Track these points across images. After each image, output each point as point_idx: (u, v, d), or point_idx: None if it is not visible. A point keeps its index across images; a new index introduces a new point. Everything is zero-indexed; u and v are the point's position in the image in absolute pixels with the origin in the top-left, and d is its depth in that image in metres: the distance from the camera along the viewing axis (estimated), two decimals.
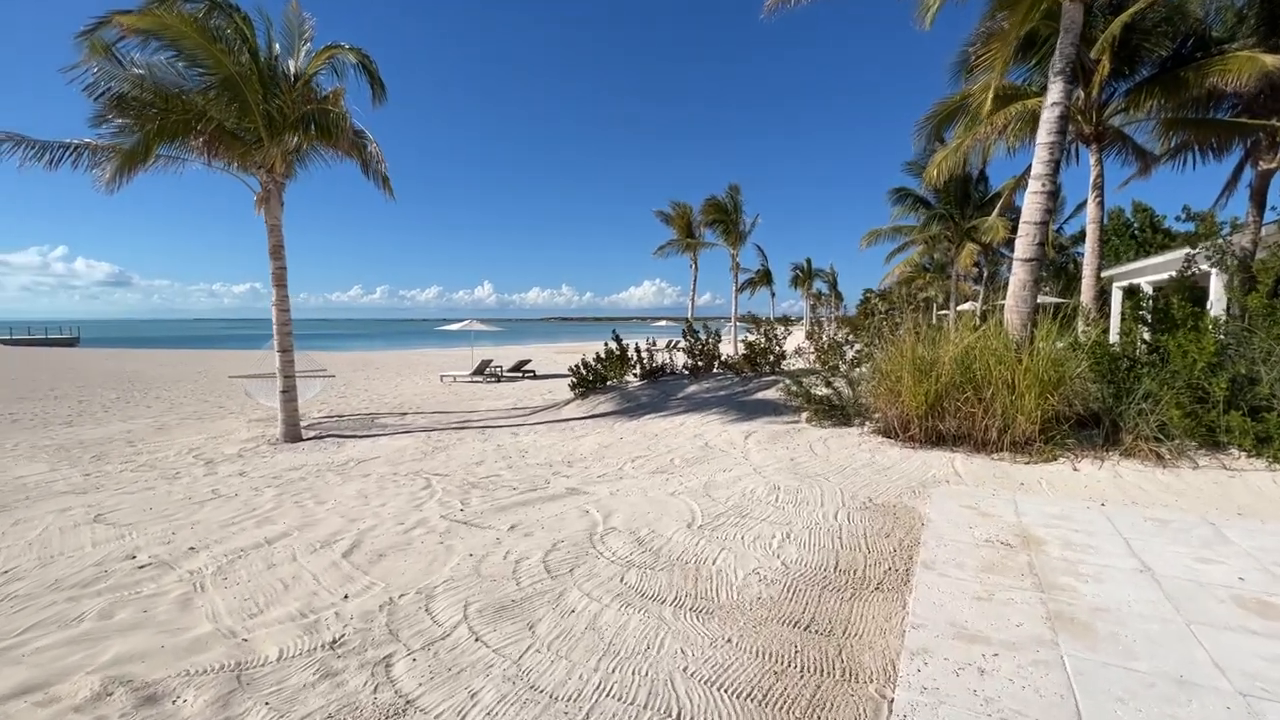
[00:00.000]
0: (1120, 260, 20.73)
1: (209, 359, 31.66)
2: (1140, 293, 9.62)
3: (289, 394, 9.51)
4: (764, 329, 12.15)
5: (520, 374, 21.12)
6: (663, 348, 13.83)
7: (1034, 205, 7.68)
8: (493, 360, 21.37)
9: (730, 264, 31.70)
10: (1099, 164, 11.71)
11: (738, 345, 12.43)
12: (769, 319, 12.49)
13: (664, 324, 44.15)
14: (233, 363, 26.42)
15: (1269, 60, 9.20)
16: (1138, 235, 27.13)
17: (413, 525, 4.82)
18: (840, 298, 60.78)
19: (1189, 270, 9.99)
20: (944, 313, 26.65)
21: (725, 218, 30.72)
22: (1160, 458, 5.96)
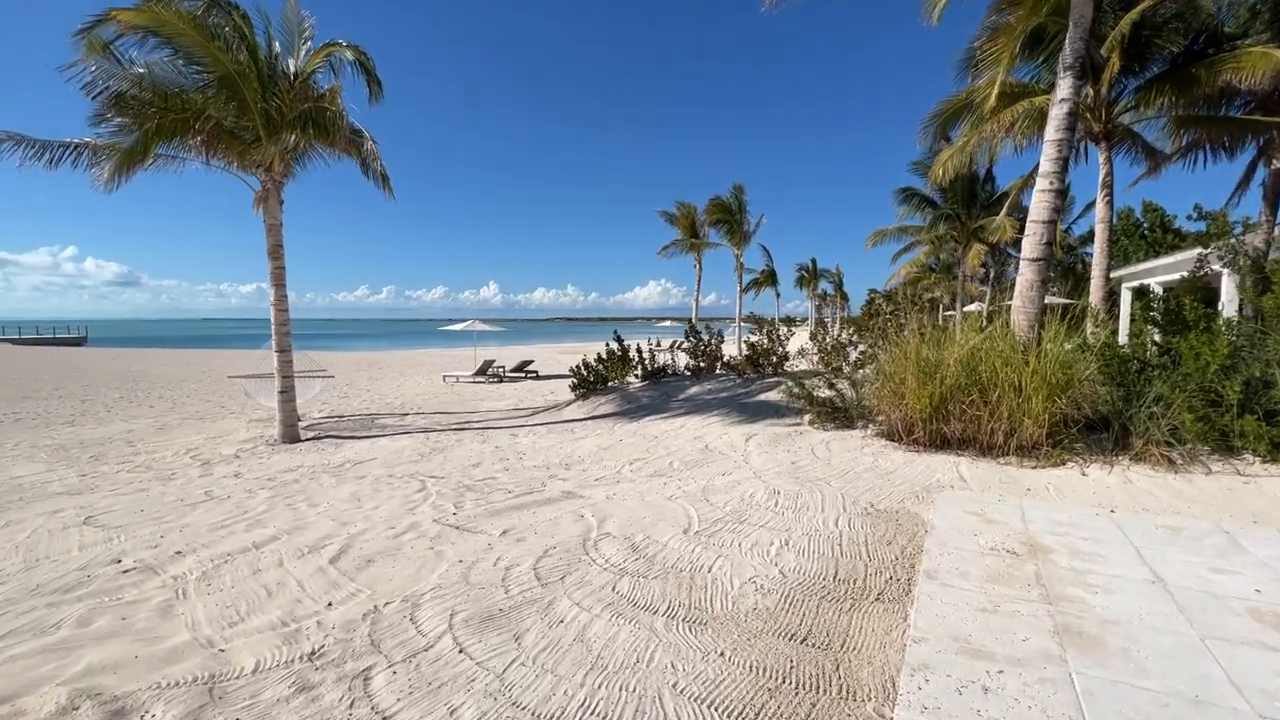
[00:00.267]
0: (1130, 261, 20.48)
1: (214, 359, 31.74)
2: (1150, 294, 9.44)
3: (287, 394, 9.45)
4: (766, 329, 12.01)
5: (523, 374, 21.04)
6: (665, 348, 13.72)
7: (1042, 204, 7.52)
8: (495, 360, 21.30)
9: (735, 264, 31.55)
10: (1108, 163, 11.53)
11: (741, 346, 12.29)
12: (772, 319, 12.34)
13: (668, 324, 44.05)
14: (237, 363, 26.48)
15: None
16: (1147, 235, 26.83)
17: (404, 530, 4.73)
18: (845, 298, 60.56)
19: (1201, 271, 9.81)
20: (950, 313, 26.43)
21: (729, 218, 30.55)
22: (1172, 463, 5.80)
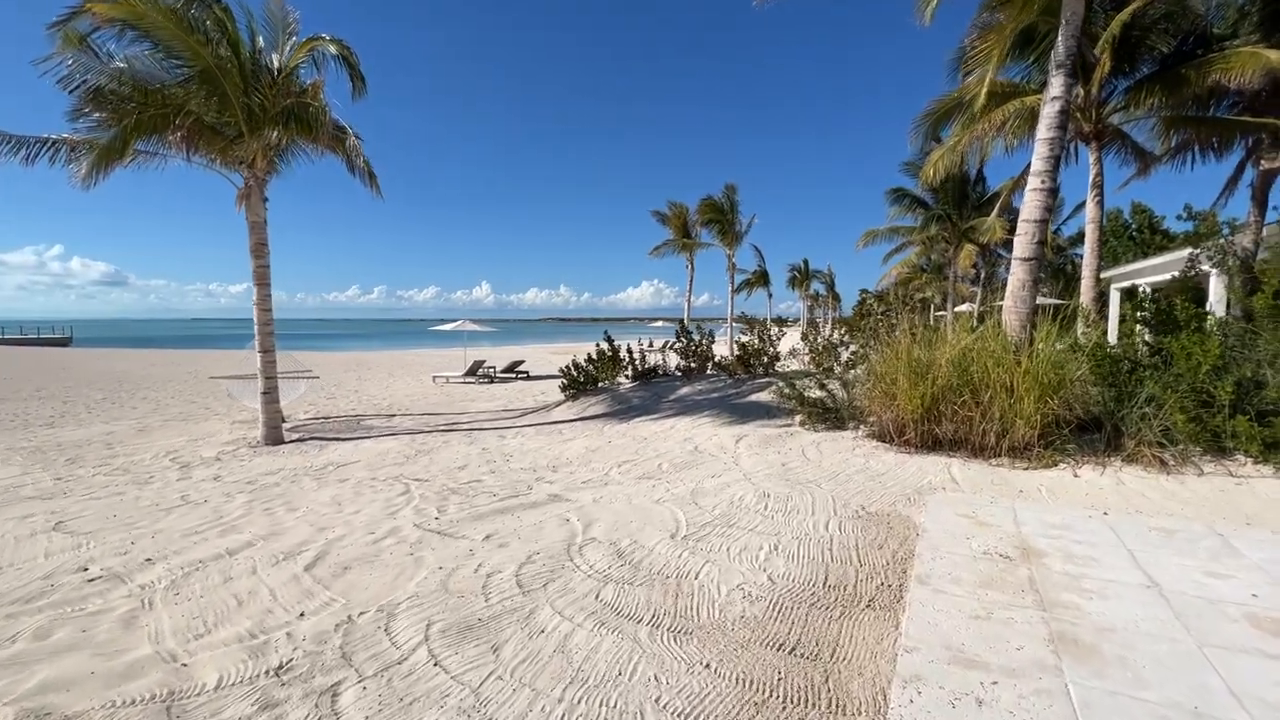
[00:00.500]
0: (1119, 262, 20.57)
1: (201, 359, 31.35)
2: (1141, 294, 9.44)
3: (270, 395, 9.28)
4: (757, 330, 11.93)
5: (514, 375, 20.89)
6: (655, 348, 13.62)
7: (1033, 203, 7.48)
8: (485, 361, 21.14)
9: (727, 264, 31.50)
10: (1098, 163, 11.53)
11: (733, 346, 12.21)
12: (763, 320, 12.26)
13: (660, 324, 44.01)
14: (223, 363, 26.15)
15: (1273, 56, 9.02)
16: (1136, 236, 27.00)
17: (384, 535, 4.59)
18: (837, 299, 60.73)
19: (1192, 271, 9.82)
20: (941, 314, 26.49)
21: (721, 218, 30.51)
22: (1164, 464, 5.76)
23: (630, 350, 12.51)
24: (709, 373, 12.38)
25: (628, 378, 12.48)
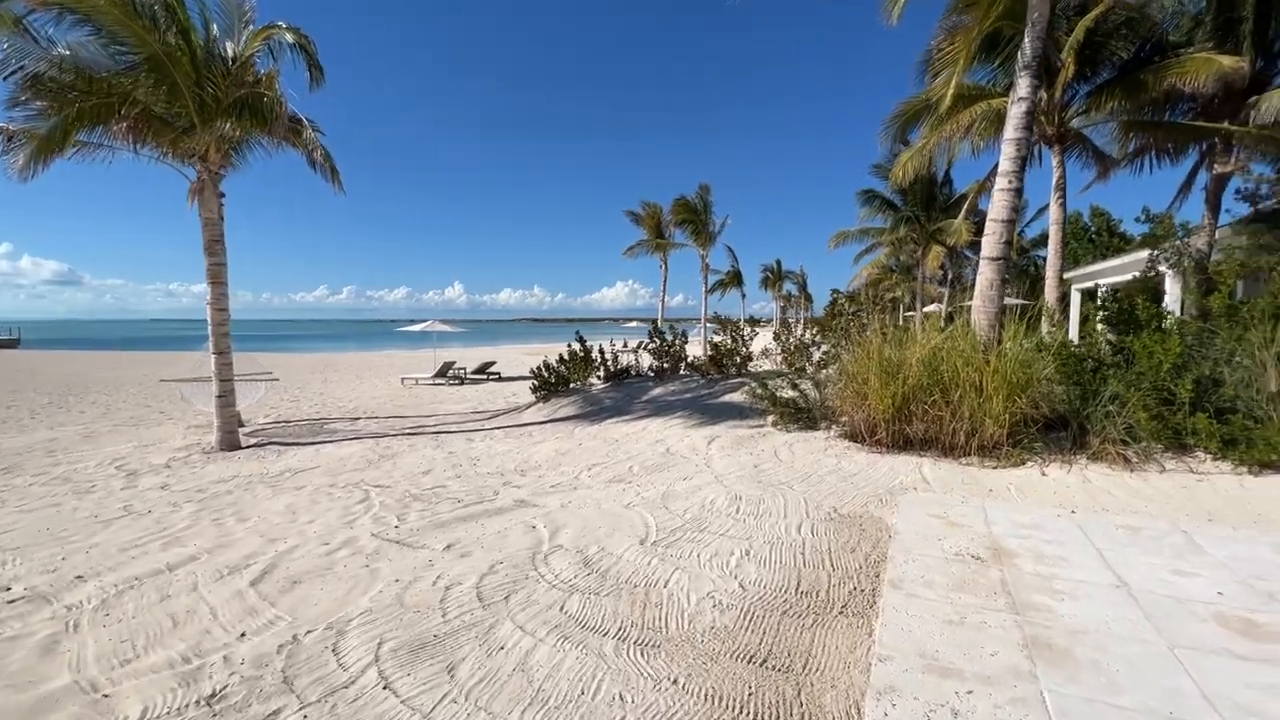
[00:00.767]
0: (1079, 263, 21.12)
1: (157, 361, 30.19)
2: (1101, 294, 9.64)
3: (225, 399, 8.88)
4: (730, 330, 11.88)
5: (485, 376, 20.54)
6: (628, 349, 13.48)
7: (1001, 203, 7.55)
8: (455, 362, 20.74)
9: (700, 265, 31.55)
10: (1061, 166, 11.77)
11: (706, 347, 12.15)
12: (735, 320, 12.22)
13: (635, 325, 43.93)
14: (180, 365, 25.21)
15: (1226, 61, 9.30)
16: (1095, 239, 27.81)
17: (338, 545, 4.36)
18: (809, 299, 61.37)
19: (1151, 272, 10.06)
20: (910, 314, 26.91)
21: (695, 218, 30.51)
22: (1128, 461, 5.83)
23: (602, 351, 12.35)
24: (682, 373, 12.30)
25: (600, 378, 12.31)
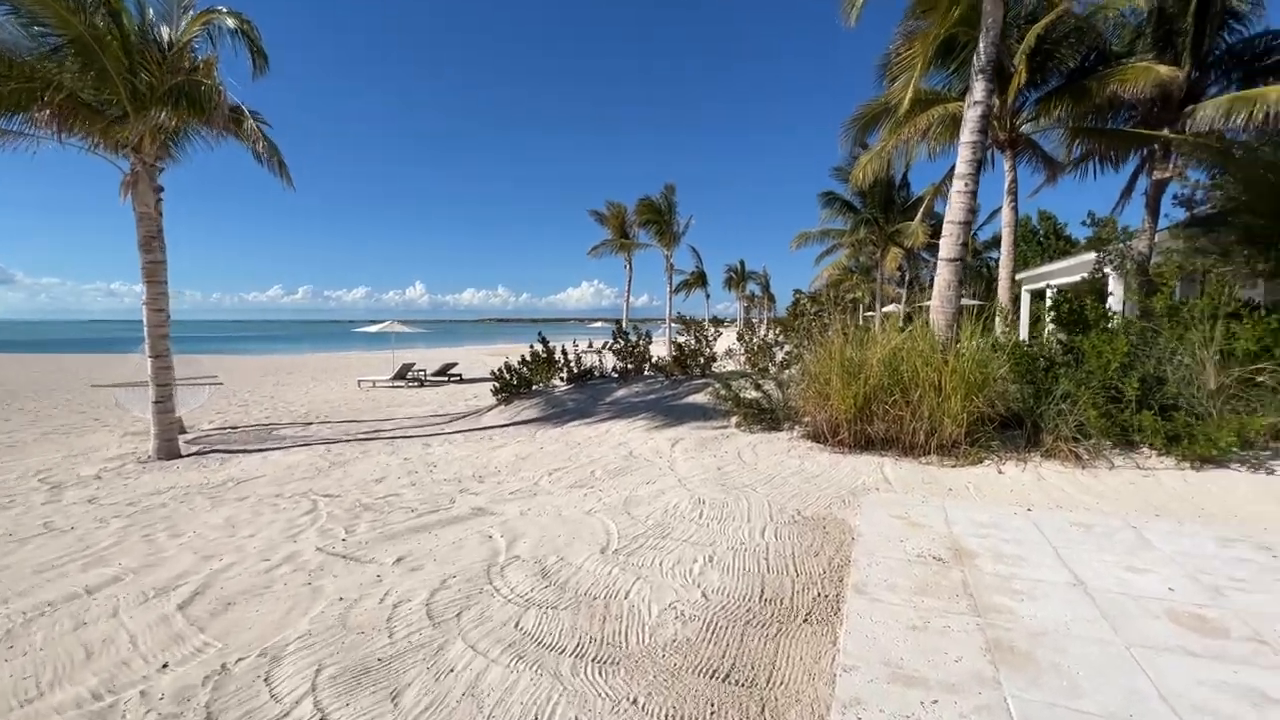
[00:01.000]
0: (1028, 265, 21.86)
1: (96, 364, 28.57)
2: (1054, 295, 9.95)
3: (163, 404, 8.38)
4: (694, 330, 11.84)
5: (446, 378, 20.08)
6: (592, 350, 13.32)
7: (958, 204, 7.68)
8: (415, 363, 20.21)
9: (665, 265, 31.57)
10: (1013, 169, 12.12)
11: (671, 347, 12.09)
12: (699, 320, 12.19)
13: (600, 325, 43.77)
14: (122, 368, 23.91)
15: (1163, 70, 9.70)
16: (1043, 242, 28.88)
17: (279, 561, 4.10)
18: (773, 299, 62.18)
19: (1098, 273, 10.42)
20: (870, 314, 27.46)
21: (659, 218, 30.54)
22: (1079, 458, 5.97)
23: (565, 352, 12.16)
24: (646, 374, 12.20)
25: (562, 380, 12.12)
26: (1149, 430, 5.99)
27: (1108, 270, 11.75)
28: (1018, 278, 17.77)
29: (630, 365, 12.25)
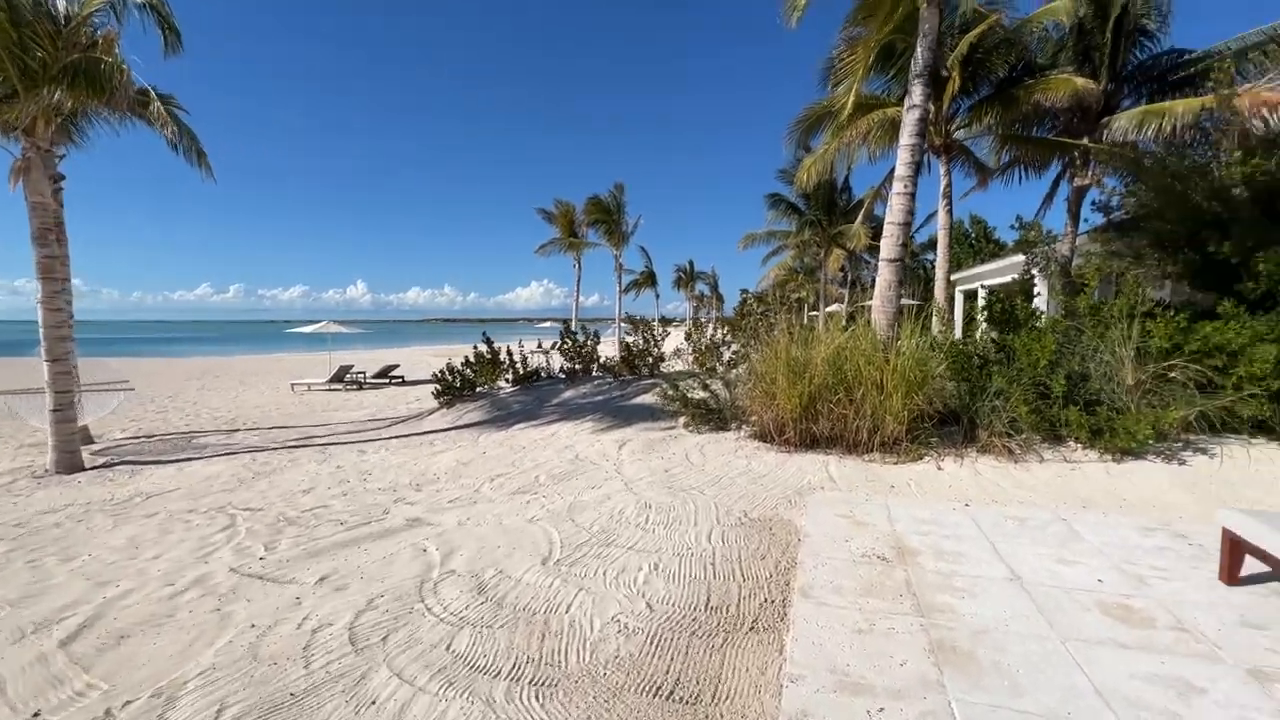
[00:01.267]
0: (961, 267, 22.84)
1: None
2: (988, 295, 10.36)
3: (62, 413, 7.64)
4: (641, 330, 11.75)
5: (387, 380, 19.32)
6: (540, 350, 13.05)
7: (898, 206, 7.85)
8: (354, 365, 19.36)
9: (614, 265, 31.43)
10: (948, 174, 12.57)
11: (620, 347, 11.96)
12: (647, 319, 12.11)
13: (549, 325, 43.22)
14: (19, 372, 21.92)
15: (1079, 82, 10.26)
16: (974, 244, 30.25)
17: (186, 585, 3.73)
18: (721, 299, 62.96)
19: (1027, 275, 10.90)
20: (815, 314, 28.11)
21: (608, 218, 30.37)
22: (1012, 453, 6.17)
23: (510, 352, 11.84)
24: (594, 374, 12.02)
25: (508, 381, 11.80)
26: (1075, 425, 6.25)
27: (1034, 272, 12.35)
28: (953, 279, 18.49)
29: (578, 366, 12.04)
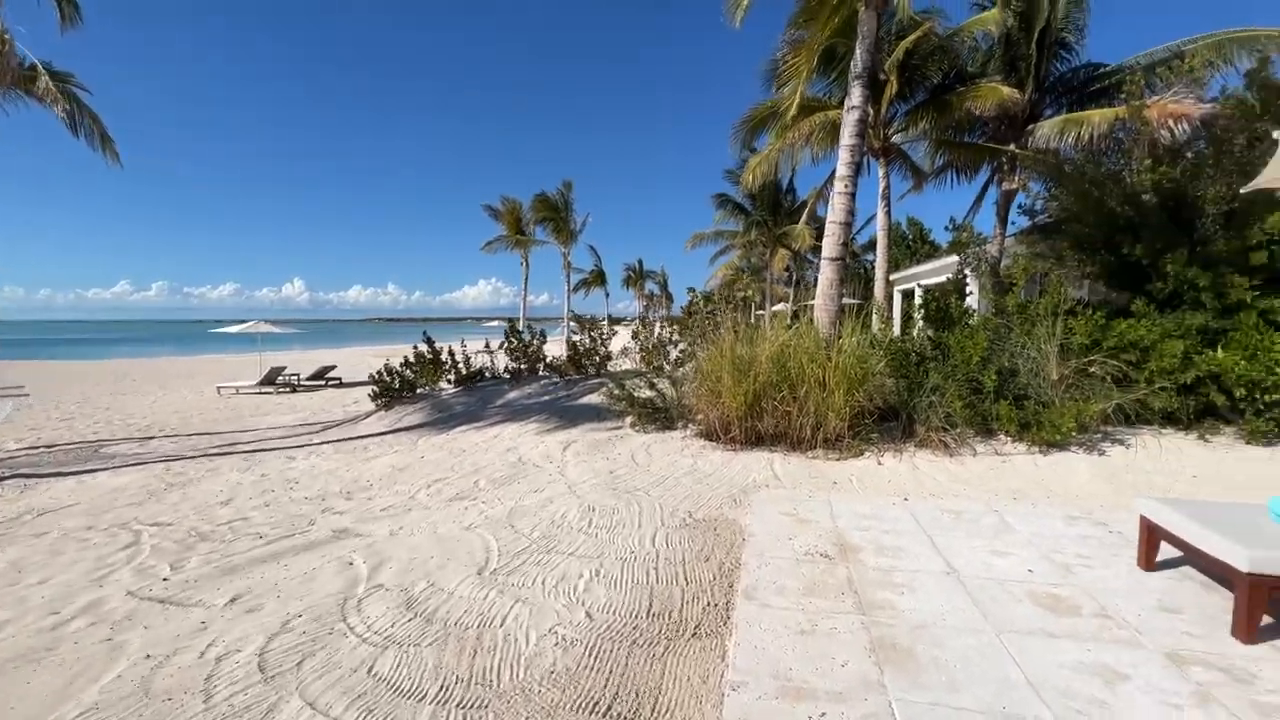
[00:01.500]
0: (900, 267, 23.67)
1: None
2: (926, 294, 10.71)
3: None
4: (588, 329, 11.59)
5: (323, 382, 18.45)
6: (486, 350, 12.71)
7: (839, 205, 7.98)
8: (286, 367, 18.38)
9: (563, 263, 31.10)
10: (886, 177, 12.94)
11: (565, 346, 11.75)
12: (594, 318, 11.96)
13: (496, 324, 42.41)
14: None
15: (1005, 91, 10.74)
16: (911, 245, 31.46)
17: (75, 613, 3.36)
18: (670, 298, 63.34)
19: (960, 274, 11.33)
20: (761, 312, 28.58)
21: (556, 215, 30.04)
22: (947, 447, 6.35)
23: (452, 352, 11.46)
24: (541, 374, 11.78)
25: (450, 382, 11.42)
26: (1005, 419, 6.49)
27: (967, 272, 12.88)
28: (891, 279, 19.12)
29: (524, 366, 11.78)
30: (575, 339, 11.51)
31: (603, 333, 11.60)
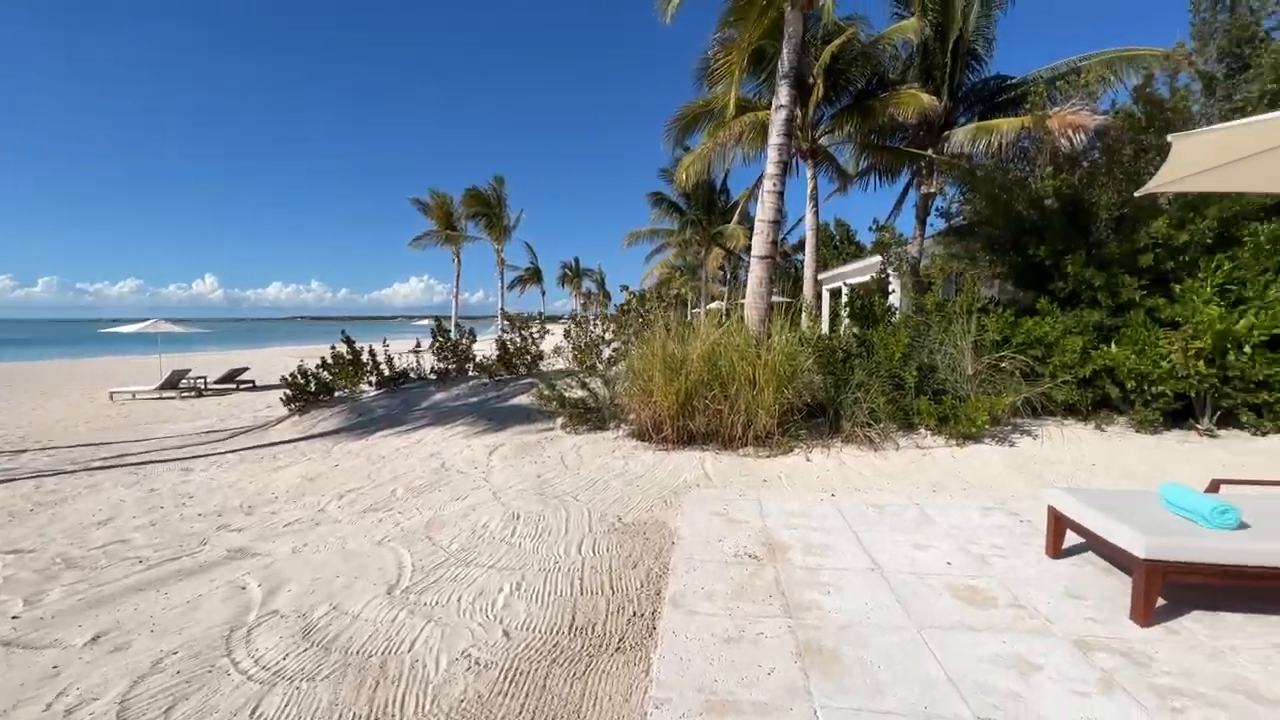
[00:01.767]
0: (828, 266, 24.44)
1: None
2: (850, 293, 11.04)
3: None
4: (519, 327, 11.26)
5: (234, 385, 17.17)
6: (416, 350, 12.13)
7: (768, 204, 8.06)
8: (191, 370, 16.98)
9: (496, 259, 30.36)
10: (814, 178, 13.26)
11: (495, 345, 11.37)
12: (524, 316, 11.63)
13: (427, 322, 40.89)
14: None
15: (925, 99, 11.19)
16: (838, 245, 32.60)
17: None
18: (608, 297, 63.14)
19: (883, 274, 11.73)
20: (696, 311, 28.87)
21: (488, 210, 29.28)
22: (872, 442, 6.50)
23: (373, 352, 10.86)
24: (469, 375, 11.35)
25: (371, 384, 10.83)
26: (925, 413, 6.71)
27: (890, 271, 13.40)
28: (819, 278, 19.68)
29: (452, 366, 11.31)
30: (506, 338, 11.15)
31: (534, 331, 11.29)
